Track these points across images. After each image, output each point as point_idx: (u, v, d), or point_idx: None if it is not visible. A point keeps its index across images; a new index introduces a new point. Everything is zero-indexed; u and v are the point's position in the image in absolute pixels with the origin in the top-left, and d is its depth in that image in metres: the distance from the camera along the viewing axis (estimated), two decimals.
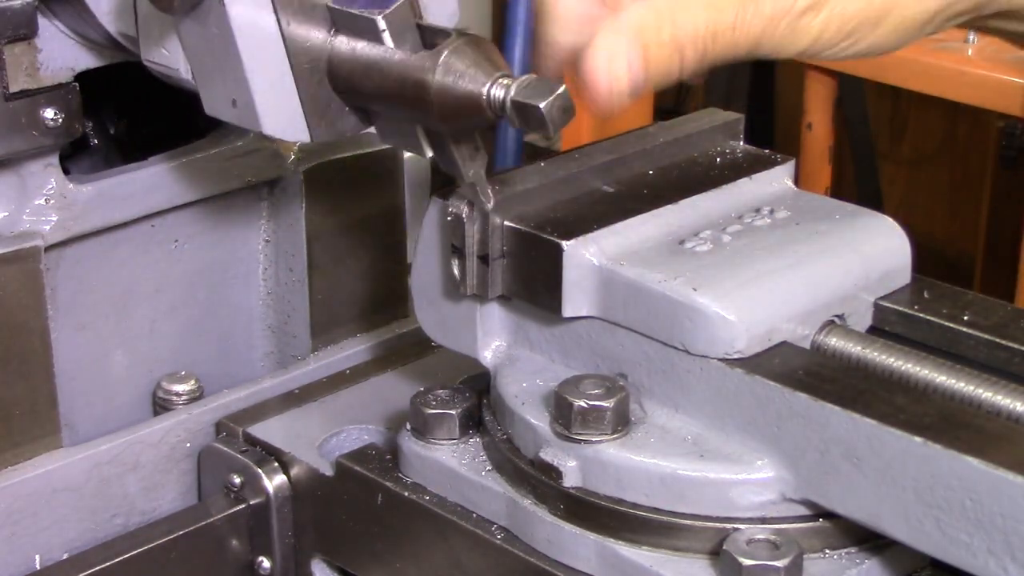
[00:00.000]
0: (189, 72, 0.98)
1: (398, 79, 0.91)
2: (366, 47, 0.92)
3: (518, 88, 0.88)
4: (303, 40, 0.94)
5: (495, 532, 0.96)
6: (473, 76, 0.88)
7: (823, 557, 0.89)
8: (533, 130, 0.88)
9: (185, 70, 0.99)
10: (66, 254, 1.14)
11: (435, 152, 0.95)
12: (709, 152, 1.08)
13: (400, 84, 0.91)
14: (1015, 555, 0.80)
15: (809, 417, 0.86)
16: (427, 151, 0.95)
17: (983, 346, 0.96)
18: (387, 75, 0.91)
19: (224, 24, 0.92)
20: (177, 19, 0.95)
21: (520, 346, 1.00)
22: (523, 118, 0.87)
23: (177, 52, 0.98)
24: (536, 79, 0.88)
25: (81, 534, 1.11)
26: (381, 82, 0.92)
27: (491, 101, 0.88)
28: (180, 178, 1.17)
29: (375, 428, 1.13)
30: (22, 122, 1.06)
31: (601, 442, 0.90)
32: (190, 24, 0.95)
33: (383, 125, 0.98)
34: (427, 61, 0.89)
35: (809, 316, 0.94)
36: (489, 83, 0.88)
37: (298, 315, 1.26)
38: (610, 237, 0.95)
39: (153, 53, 1.00)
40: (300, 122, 0.95)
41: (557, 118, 0.87)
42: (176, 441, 1.15)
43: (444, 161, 0.95)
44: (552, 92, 0.86)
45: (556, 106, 0.86)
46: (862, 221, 1.01)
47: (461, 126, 0.91)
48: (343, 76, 0.94)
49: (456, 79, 0.88)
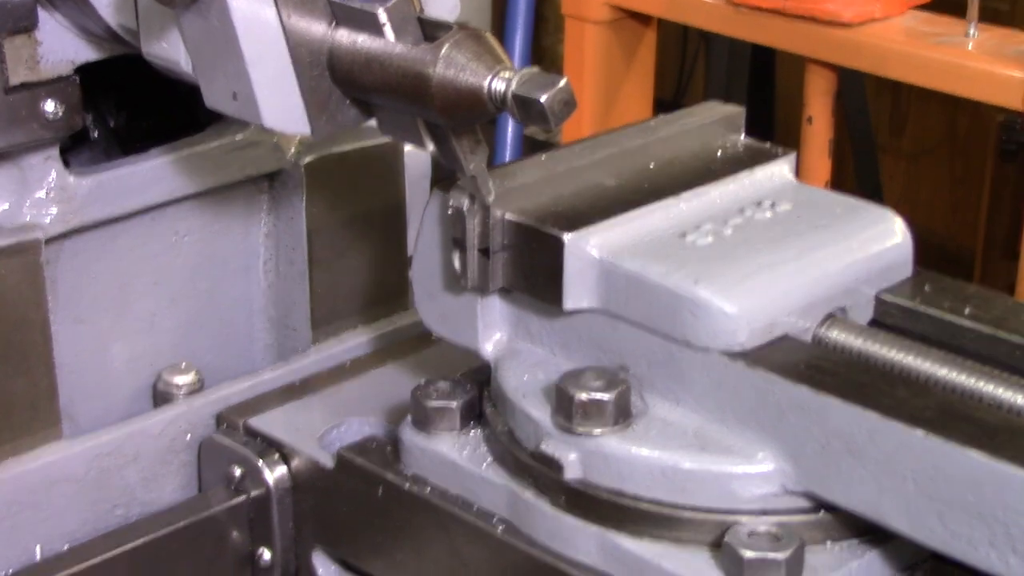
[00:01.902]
0: (190, 65, 0.98)
1: (399, 72, 0.91)
2: (367, 40, 0.92)
3: (519, 81, 0.88)
4: (304, 33, 0.94)
5: (496, 524, 0.96)
6: (474, 69, 0.88)
7: (824, 549, 0.89)
8: (534, 123, 0.88)
9: (186, 63, 0.99)
10: (66, 247, 1.13)
11: (436, 145, 0.95)
12: (710, 145, 1.08)
13: (401, 77, 0.91)
14: (1016, 547, 0.80)
15: (810, 410, 0.86)
16: (428, 144, 0.95)
17: (984, 339, 0.96)
18: (388, 68, 0.91)
19: (225, 17, 0.92)
20: (178, 12, 0.95)
21: (521, 339, 1.00)
22: (524, 111, 0.87)
23: (178, 45, 0.98)
24: (537, 72, 0.88)
25: (82, 525, 1.11)
26: (382, 75, 0.92)
27: (492, 94, 0.88)
28: (180, 171, 1.17)
29: (376, 420, 1.13)
30: (22, 115, 1.05)
31: (602, 435, 0.90)
32: (191, 17, 0.95)
33: (384, 117, 0.98)
34: (428, 54, 0.89)
35: (810, 309, 0.94)
36: (490, 76, 0.88)
37: (298, 308, 1.26)
38: (611, 230, 0.95)
39: (154, 47, 1.00)
40: (301, 115, 0.95)
41: (558, 111, 0.87)
42: (176, 433, 1.15)
43: (445, 154, 0.95)
44: (553, 85, 0.87)
45: (557, 99, 0.87)
46: (863, 214, 1.01)
47: (462, 119, 0.91)
48: (344, 69, 0.94)
49: (457, 72, 0.88)
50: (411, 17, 0.92)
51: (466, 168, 0.93)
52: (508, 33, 3.27)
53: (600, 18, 2.55)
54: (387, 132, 1.00)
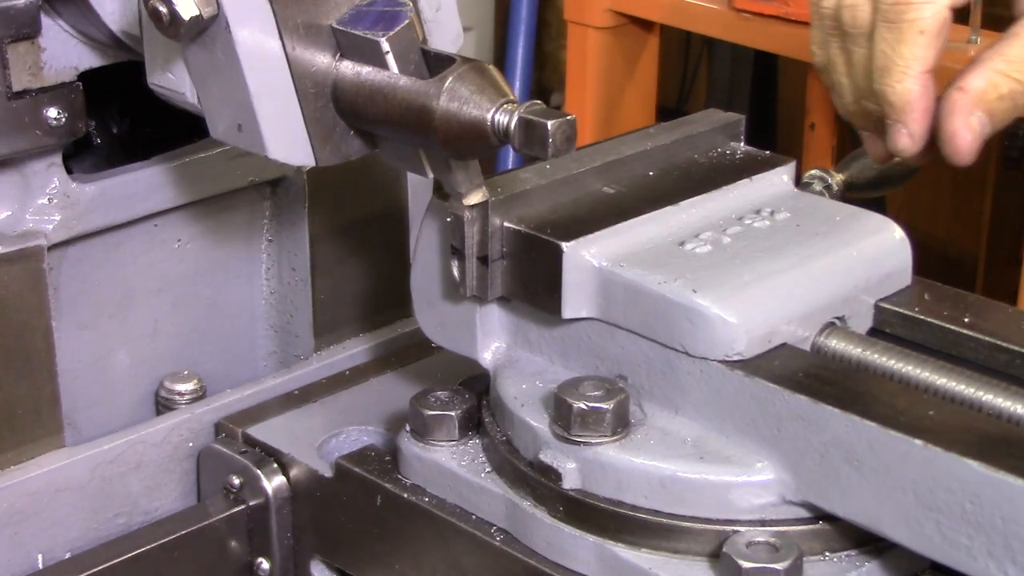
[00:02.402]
0: (195, 96, 0.99)
1: (403, 105, 0.92)
2: (371, 72, 0.94)
3: (525, 109, 0.89)
4: (308, 65, 0.95)
5: (494, 534, 0.96)
6: (478, 102, 0.90)
7: (823, 560, 0.89)
8: (533, 149, 0.89)
9: (191, 94, 0.99)
10: (69, 253, 1.14)
11: (436, 174, 0.97)
12: (709, 153, 1.08)
13: (405, 110, 0.92)
14: (1015, 558, 0.80)
15: (809, 419, 0.86)
16: (429, 172, 0.97)
17: (983, 348, 0.96)
18: (392, 100, 0.93)
19: (230, 49, 0.93)
20: (183, 44, 0.96)
21: (520, 347, 1.00)
22: (527, 134, 0.88)
23: (183, 77, 0.99)
24: (543, 106, 0.90)
25: (83, 533, 1.11)
26: (385, 107, 0.93)
27: (495, 127, 0.90)
28: (183, 178, 1.17)
29: (375, 429, 1.14)
30: (25, 121, 1.06)
31: (600, 444, 0.90)
32: (196, 50, 0.96)
33: (386, 147, 0.99)
34: (432, 87, 0.91)
35: (809, 318, 0.94)
36: (494, 109, 0.90)
37: (301, 315, 1.26)
38: (610, 238, 0.95)
39: (159, 77, 1.01)
40: (305, 146, 0.96)
41: (559, 141, 0.88)
42: (179, 441, 1.15)
43: (445, 184, 0.96)
44: (561, 117, 0.88)
45: (562, 129, 0.88)
46: (863, 223, 1.01)
47: (465, 151, 0.92)
48: (348, 100, 0.95)
49: (461, 105, 0.90)
50: (414, 47, 0.93)
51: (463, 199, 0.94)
52: (511, 39, 3.27)
53: (603, 24, 2.55)
54: (389, 160, 1.01)
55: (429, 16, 1.01)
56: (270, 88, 0.94)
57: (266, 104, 0.94)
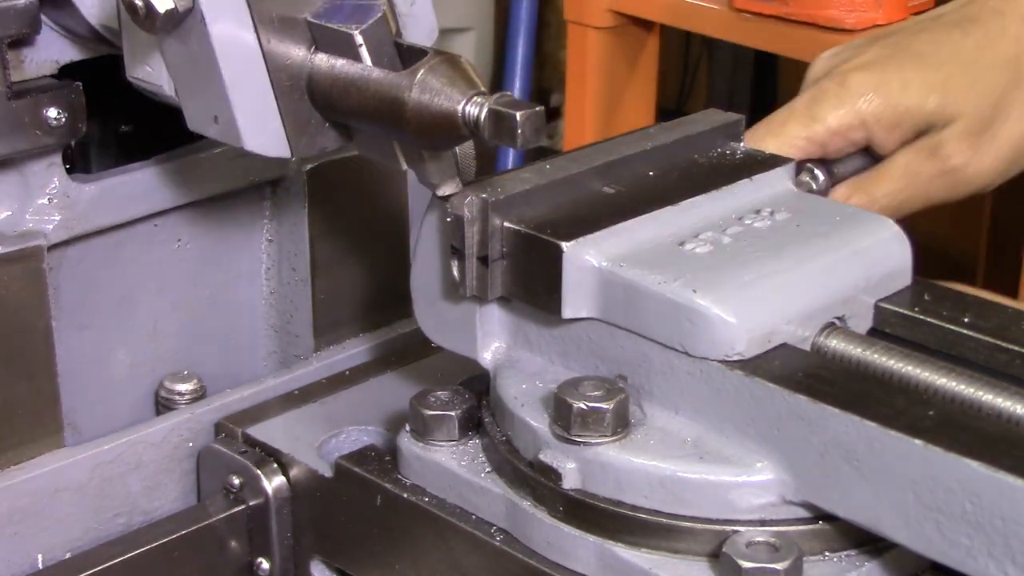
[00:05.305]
0: (172, 89, 1.00)
1: (375, 97, 0.94)
2: (345, 65, 0.95)
3: (495, 101, 0.90)
4: (283, 58, 0.96)
5: (494, 534, 0.96)
6: (449, 94, 0.91)
7: (823, 560, 0.89)
8: (502, 139, 0.90)
9: (168, 87, 1.01)
10: (69, 253, 1.14)
11: (410, 166, 0.98)
12: (709, 153, 1.08)
13: (378, 102, 0.94)
14: (1016, 558, 0.80)
15: (809, 419, 0.86)
16: (403, 163, 0.98)
17: (983, 348, 0.96)
18: (365, 93, 0.94)
19: (205, 42, 0.94)
20: (160, 37, 0.97)
21: (520, 347, 1.00)
22: (496, 126, 0.90)
23: (161, 70, 1.00)
24: (512, 97, 0.91)
25: (83, 533, 1.11)
26: (359, 99, 0.95)
27: (466, 118, 0.91)
28: (183, 177, 1.18)
29: (375, 429, 1.14)
30: (25, 121, 1.06)
31: (600, 444, 0.90)
32: (172, 42, 0.97)
33: (361, 139, 1.01)
34: (404, 80, 0.92)
35: (809, 318, 0.94)
36: (464, 101, 0.91)
37: (301, 315, 1.26)
38: (610, 238, 0.95)
39: (137, 70, 1.02)
40: (281, 138, 0.98)
41: (528, 132, 0.89)
42: (179, 441, 1.15)
43: (419, 175, 0.98)
44: (530, 108, 0.89)
45: (530, 120, 0.89)
46: (862, 223, 1.01)
47: (437, 142, 0.94)
48: (323, 93, 0.97)
49: (432, 97, 0.91)
50: (387, 40, 0.94)
51: (436, 190, 0.96)
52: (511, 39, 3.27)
53: (603, 24, 2.56)
54: (364, 152, 1.02)
55: (404, 10, 1.02)
56: (245, 80, 0.95)
57: (241, 96, 0.95)
